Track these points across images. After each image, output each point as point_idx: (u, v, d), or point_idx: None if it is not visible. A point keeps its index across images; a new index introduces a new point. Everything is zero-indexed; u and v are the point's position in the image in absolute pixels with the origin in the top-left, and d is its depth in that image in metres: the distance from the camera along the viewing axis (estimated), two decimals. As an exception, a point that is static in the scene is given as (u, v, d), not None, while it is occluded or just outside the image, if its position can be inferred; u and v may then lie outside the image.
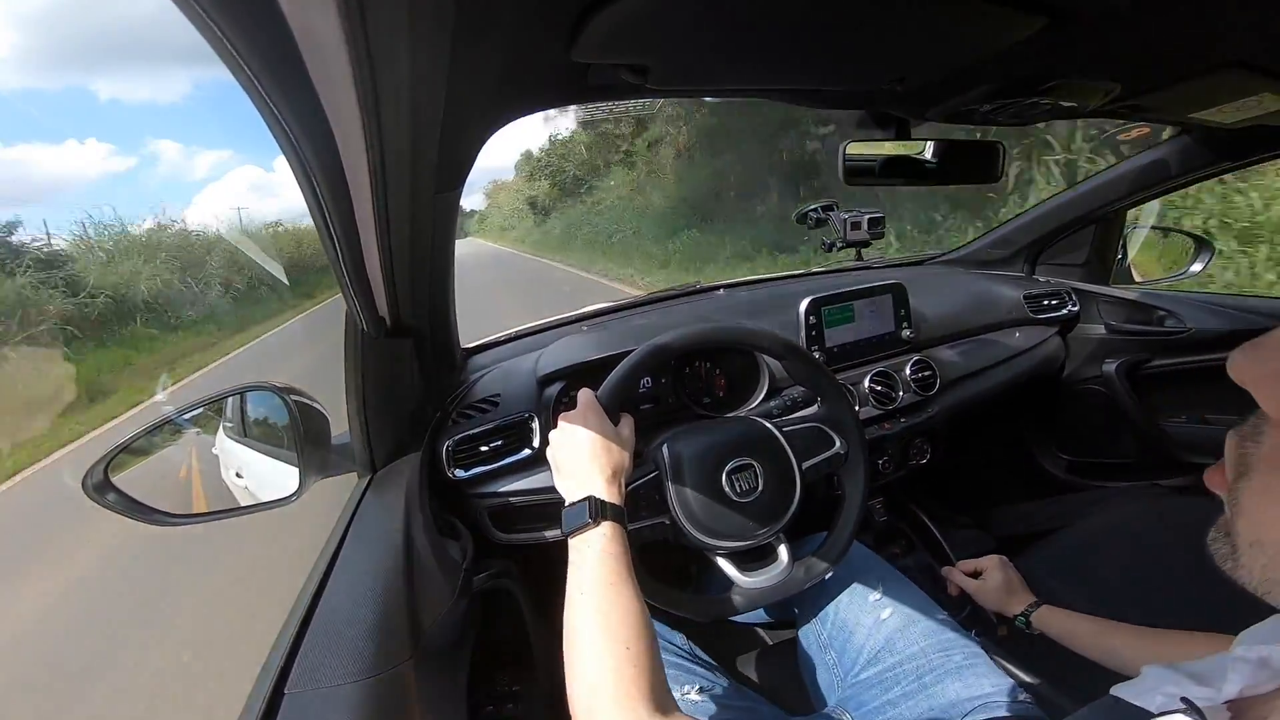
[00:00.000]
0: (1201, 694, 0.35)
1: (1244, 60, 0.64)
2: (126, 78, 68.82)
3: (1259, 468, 0.31)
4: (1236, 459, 0.33)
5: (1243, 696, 0.35)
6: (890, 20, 0.51)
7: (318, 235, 0.52)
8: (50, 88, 64.47)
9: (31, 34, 66.43)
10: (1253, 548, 0.31)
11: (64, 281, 10.08)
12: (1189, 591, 0.87)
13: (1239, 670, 0.35)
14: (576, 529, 0.59)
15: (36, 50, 71.88)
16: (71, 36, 75.24)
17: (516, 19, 0.46)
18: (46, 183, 74.23)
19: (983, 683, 0.70)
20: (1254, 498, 0.31)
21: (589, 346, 1.01)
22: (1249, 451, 0.32)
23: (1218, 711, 0.34)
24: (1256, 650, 0.35)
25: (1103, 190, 1.30)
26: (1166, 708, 0.35)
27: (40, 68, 71.20)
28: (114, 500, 0.68)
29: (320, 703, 0.52)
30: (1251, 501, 0.31)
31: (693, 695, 0.75)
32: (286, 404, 0.78)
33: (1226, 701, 0.35)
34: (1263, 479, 0.31)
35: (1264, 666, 0.35)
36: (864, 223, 1.35)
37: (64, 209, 23.37)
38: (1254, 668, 0.35)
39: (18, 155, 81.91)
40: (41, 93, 65.84)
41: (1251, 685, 0.34)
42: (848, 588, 0.83)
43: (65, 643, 2.58)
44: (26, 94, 56.36)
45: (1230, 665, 0.36)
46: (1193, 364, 1.28)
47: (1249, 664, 0.35)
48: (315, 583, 0.64)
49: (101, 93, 79.72)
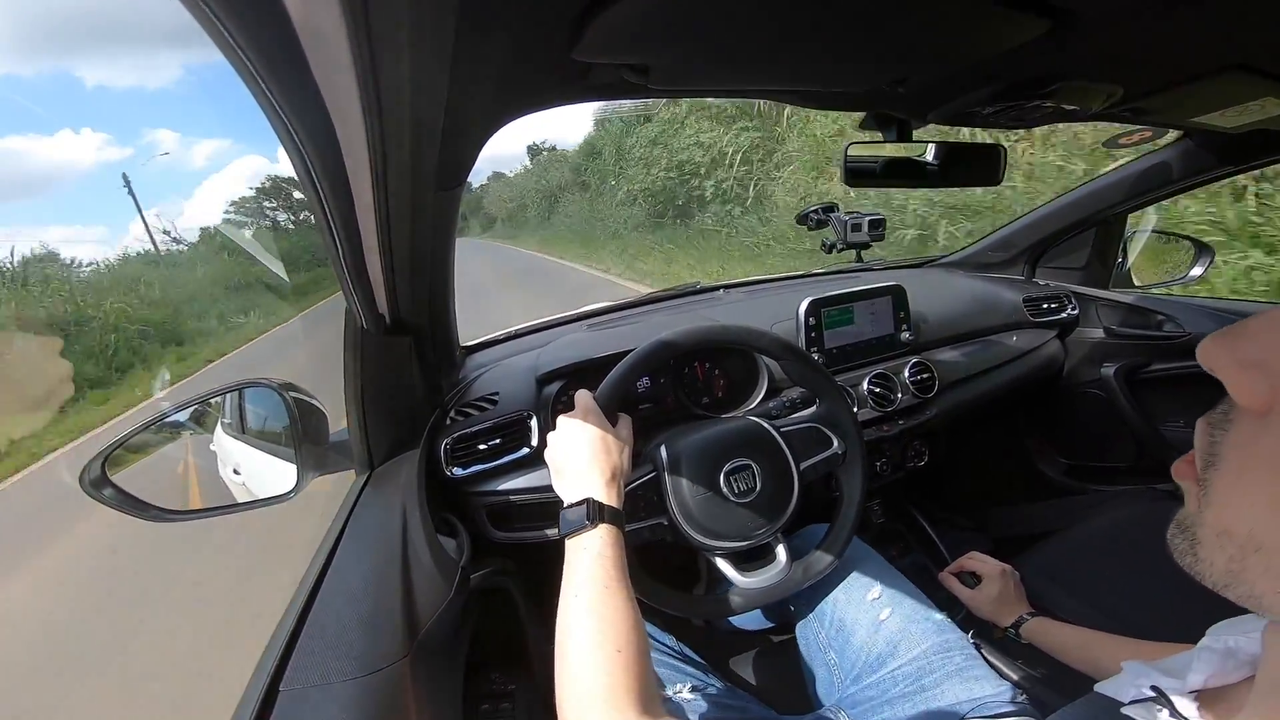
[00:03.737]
0: (1171, 684, 0.36)
1: (1246, 64, 0.64)
2: (114, 62, 68.36)
3: (1228, 456, 0.31)
4: (1206, 446, 0.32)
5: (1209, 686, 0.35)
6: (892, 21, 0.51)
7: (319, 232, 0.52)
8: (32, 73, 63.88)
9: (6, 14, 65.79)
10: (1220, 538, 0.31)
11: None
12: (1185, 595, 0.87)
13: (1204, 660, 0.36)
14: (573, 531, 0.59)
15: (13, 32, 71.29)
16: (53, 15, 74.80)
17: (518, 18, 0.46)
18: (40, 175, 73.88)
19: (982, 684, 0.70)
20: (1223, 486, 0.31)
21: (588, 346, 1.01)
22: (1218, 439, 0.31)
23: (1185, 700, 0.35)
24: (1223, 641, 0.36)
25: (1103, 194, 1.31)
26: (1137, 697, 0.36)
27: (21, 51, 70.75)
28: (111, 496, 0.68)
29: (316, 700, 0.52)
30: (1221, 492, 0.31)
31: (685, 693, 0.76)
32: (285, 401, 0.78)
33: (1193, 691, 0.35)
34: (1231, 467, 0.31)
35: (1230, 657, 0.35)
36: (864, 224, 1.35)
37: (61, 203, 23.43)
38: (1220, 658, 0.35)
39: (13, 146, 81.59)
40: (20, 78, 65.33)
41: (1218, 675, 0.35)
42: (846, 587, 0.83)
43: (60, 639, 2.58)
44: (8, 80, 55.96)
45: (1196, 656, 0.36)
46: (1191, 368, 1.27)
47: (1215, 654, 0.36)
48: (312, 579, 0.64)
49: (88, 79, 79.01)
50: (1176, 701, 0.34)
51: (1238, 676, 0.35)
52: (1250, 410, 0.29)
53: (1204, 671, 0.35)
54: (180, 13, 0.28)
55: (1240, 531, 0.30)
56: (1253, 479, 0.29)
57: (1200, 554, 0.32)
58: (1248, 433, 0.30)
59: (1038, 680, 0.81)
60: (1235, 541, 0.30)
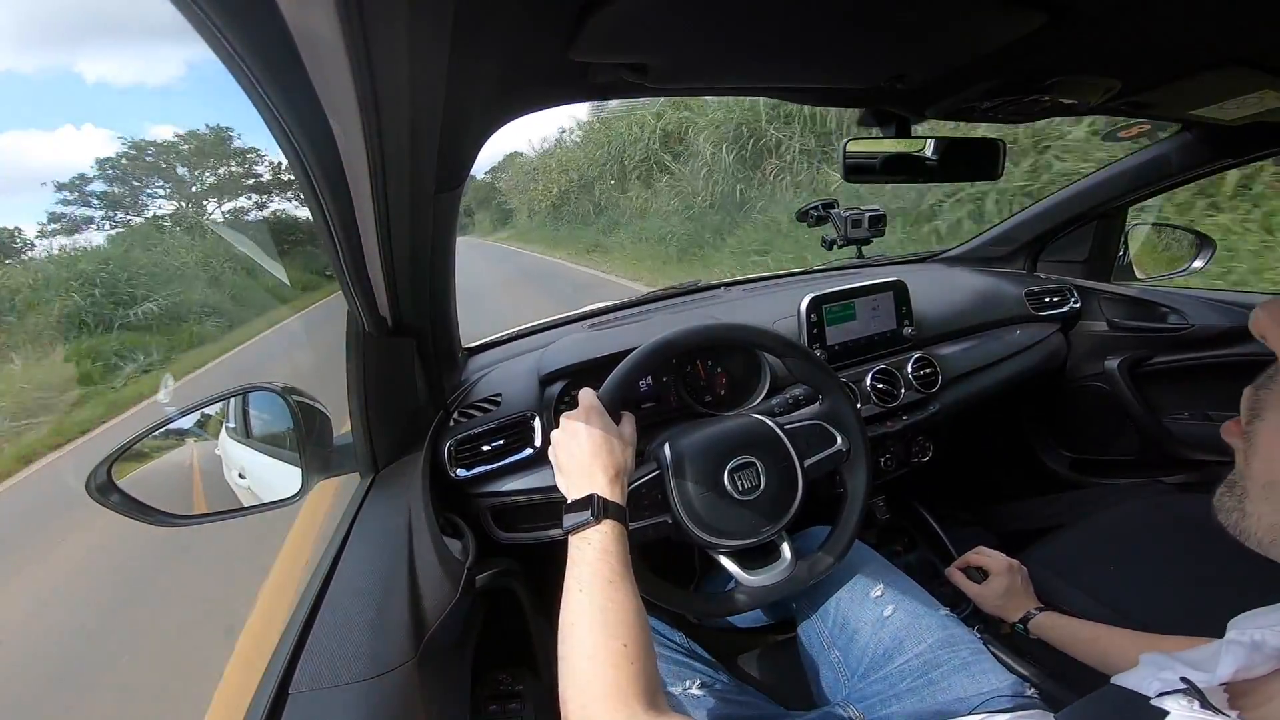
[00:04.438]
0: (1197, 677, 0.36)
1: (1245, 57, 0.64)
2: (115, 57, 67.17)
3: (1272, 409, 0.33)
4: (1251, 403, 0.34)
5: (1237, 679, 0.35)
6: (890, 18, 0.51)
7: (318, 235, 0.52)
8: (32, 68, 62.71)
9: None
10: (1266, 489, 0.32)
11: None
12: (1191, 588, 0.88)
13: (1232, 653, 0.36)
14: (577, 527, 0.59)
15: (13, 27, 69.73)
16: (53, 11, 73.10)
17: (515, 18, 0.46)
18: (39, 170, 73.36)
19: (989, 679, 0.70)
20: (1268, 437, 0.33)
21: (590, 345, 1.01)
22: (1263, 396, 0.33)
23: (1216, 692, 0.35)
24: (1249, 634, 0.36)
25: (1104, 187, 1.30)
26: (1166, 689, 0.36)
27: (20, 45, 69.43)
28: (117, 501, 0.68)
29: (325, 703, 0.52)
30: (1265, 441, 0.33)
31: (694, 690, 0.76)
32: (288, 404, 0.79)
33: (1222, 683, 0.35)
34: (1275, 419, 0.32)
35: (1257, 649, 0.35)
36: (864, 220, 1.35)
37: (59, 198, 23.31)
38: (1247, 650, 0.35)
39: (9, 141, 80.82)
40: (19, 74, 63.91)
41: (1246, 668, 0.35)
42: (849, 586, 0.83)
43: (67, 643, 2.59)
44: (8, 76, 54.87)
45: (1224, 648, 0.36)
46: (1195, 360, 1.27)
47: (1242, 647, 0.36)
48: (319, 583, 0.64)
49: (88, 74, 77.77)
50: (1209, 694, 0.34)
51: (1265, 669, 0.35)
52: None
53: (1233, 664, 0.35)
54: (178, 12, 0.28)
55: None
56: None
57: (1247, 508, 0.33)
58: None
59: (1047, 675, 0.81)
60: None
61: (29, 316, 10.37)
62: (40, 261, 14.82)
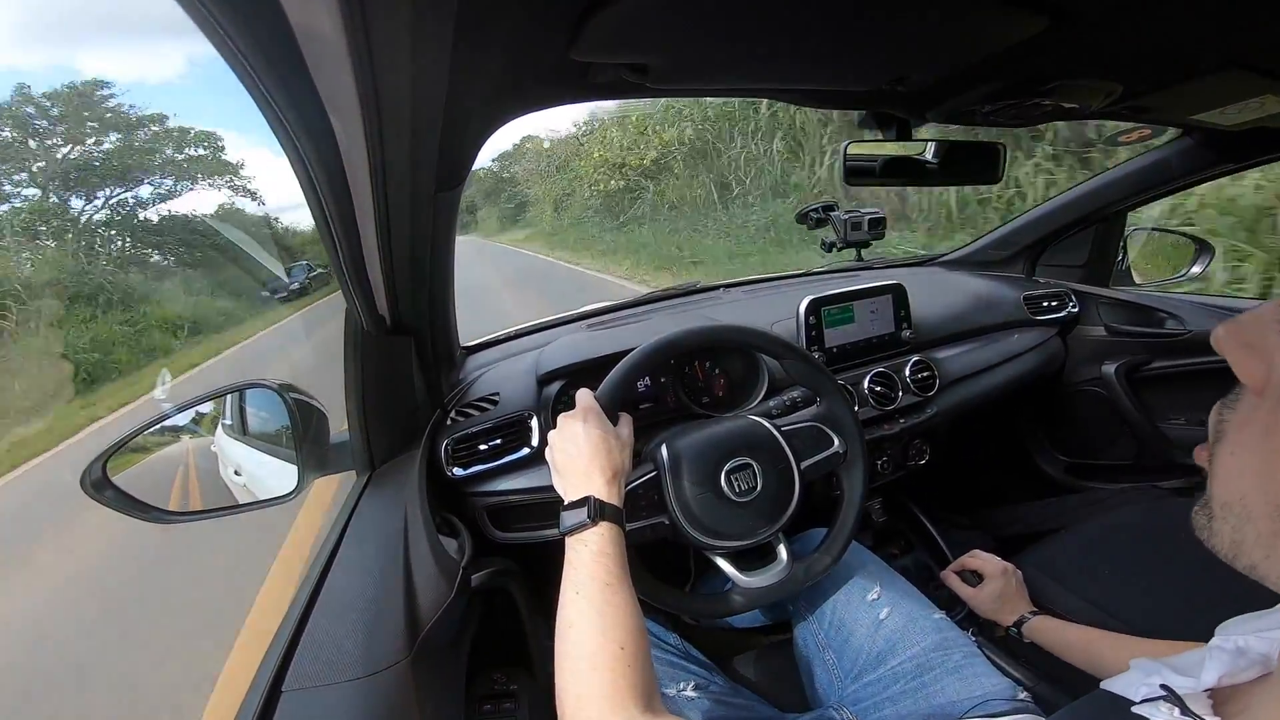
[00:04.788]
0: (1182, 683, 0.36)
1: (1245, 62, 0.64)
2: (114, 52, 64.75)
3: (1229, 432, 0.34)
4: (1215, 425, 0.35)
5: (1222, 685, 0.35)
6: (891, 20, 0.51)
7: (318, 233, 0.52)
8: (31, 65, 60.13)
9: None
10: (1224, 509, 0.33)
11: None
12: (1187, 593, 0.88)
13: (1216, 659, 0.36)
14: (574, 528, 0.59)
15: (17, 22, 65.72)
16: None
17: (517, 18, 0.46)
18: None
19: (981, 682, 0.70)
20: (1225, 460, 0.33)
21: (588, 346, 1.01)
22: (1225, 418, 0.34)
23: (1198, 699, 0.35)
24: (1234, 640, 0.36)
25: (1103, 191, 1.30)
26: (1149, 696, 0.36)
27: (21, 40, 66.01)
28: (112, 497, 0.68)
29: (318, 701, 0.52)
30: (1223, 464, 0.34)
31: (689, 692, 0.76)
32: (285, 402, 0.78)
33: (1207, 690, 0.35)
34: (1229, 442, 0.33)
35: (1241, 655, 0.36)
36: (864, 223, 1.35)
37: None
38: (1231, 656, 0.36)
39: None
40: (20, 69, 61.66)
41: (1230, 674, 0.35)
42: (845, 588, 0.83)
43: (60, 640, 2.58)
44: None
45: (1208, 654, 0.37)
46: (1192, 366, 1.27)
47: (1226, 653, 0.36)
48: (313, 580, 0.64)
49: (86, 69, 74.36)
50: (1189, 700, 0.35)
51: (1249, 676, 0.35)
52: (1250, 389, 0.32)
53: (1217, 671, 0.35)
54: (178, 8, 0.28)
55: (1235, 502, 0.32)
56: (1244, 452, 0.32)
57: (1214, 527, 0.34)
58: (1246, 410, 0.33)
59: (1040, 678, 0.81)
60: (1234, 512, 0.32)
61: None
62: None
